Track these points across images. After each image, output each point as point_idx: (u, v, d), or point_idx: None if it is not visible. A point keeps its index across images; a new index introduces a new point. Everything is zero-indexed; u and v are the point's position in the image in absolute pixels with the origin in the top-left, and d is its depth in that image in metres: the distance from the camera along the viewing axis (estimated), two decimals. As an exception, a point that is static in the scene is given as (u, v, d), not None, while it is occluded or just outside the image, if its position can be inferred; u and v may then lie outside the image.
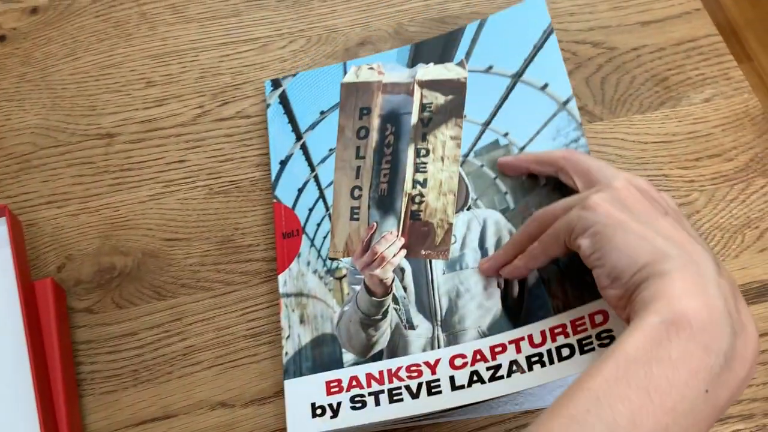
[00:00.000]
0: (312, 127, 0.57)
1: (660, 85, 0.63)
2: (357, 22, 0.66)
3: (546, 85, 0.54)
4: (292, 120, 0.58)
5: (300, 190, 0.55)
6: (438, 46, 0.58)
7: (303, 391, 0.47)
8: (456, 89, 0.55)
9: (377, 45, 0.65)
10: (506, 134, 0.53)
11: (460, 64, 0.56)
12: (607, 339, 0.42)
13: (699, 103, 0.62)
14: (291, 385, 0.48)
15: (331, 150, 0.56)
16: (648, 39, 0.65)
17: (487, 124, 0.54)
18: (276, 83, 0.59)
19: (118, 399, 0.50)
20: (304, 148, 0.56)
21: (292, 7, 0.67)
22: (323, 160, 0.55)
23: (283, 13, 0.66)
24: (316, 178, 0.55)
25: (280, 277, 0.52)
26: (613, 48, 0.65)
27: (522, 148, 0.52)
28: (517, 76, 0.55)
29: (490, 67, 0.56)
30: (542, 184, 0.50)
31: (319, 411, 0.46)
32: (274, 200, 0.55)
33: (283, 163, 0.56)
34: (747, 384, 0.34)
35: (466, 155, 0.53)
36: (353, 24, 0.66)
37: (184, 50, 0.64)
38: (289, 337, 0.50)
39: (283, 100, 0.59)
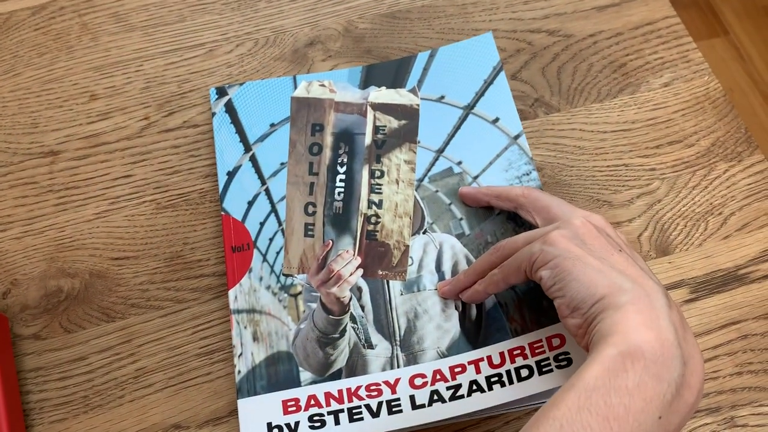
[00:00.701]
0: (261, 139, 0.55)
1: (618, 72, 0.61)
2: (305, 21, 0.64)
3: (497, 119, 0.56)
4: (240, 130, 0.56)
5: (250, 203, 0.53)
6: (390, 71, 0.58)
7: (258, 410, 0.46)
8: (409, 115, 0.55)
9: (326, 44, 0.63)
10: (460, 162, 0.54)
11: (413, 90, 0.57)
12: (564, 361, 0.44)
13: (658, 89, 0.61)
14: (245, 404, 0.46)
15: (282, 164, 0.54)
16: (605, 24, 0.64)
17: (440, 151, 0.55)
18: (221, 91, 0.58)
19: (68, 427, 0.48)
20: (253, 160, 0.55)
21: (237, 9, 0.65)
22: (274, 174, 0.54)
23: (229, 16, 0.64)
24: (267, 191, 0.53)
25: (231, 293, 0.50)
26: (569, 36, 0.63)
27: (475, 177, 0.54)
28: (468, 108, 0.56)
29: (442, 97, 0.57)
30: (496, 213, 0.52)
31: (275, 431, 0.45)
32: (223, 213, 0.53)
33: (231, 174, 0.54)
34: (695, 410, 0.36)
35: (421, 180, 0.54)
36: (301, 24, 0.64)
37: (127, 60, 0.62)
38: (241, 354, 0.48)
39: (230, 110, 0.57)
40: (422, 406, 0.44)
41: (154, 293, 0.53)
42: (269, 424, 0.45)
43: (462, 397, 0.44)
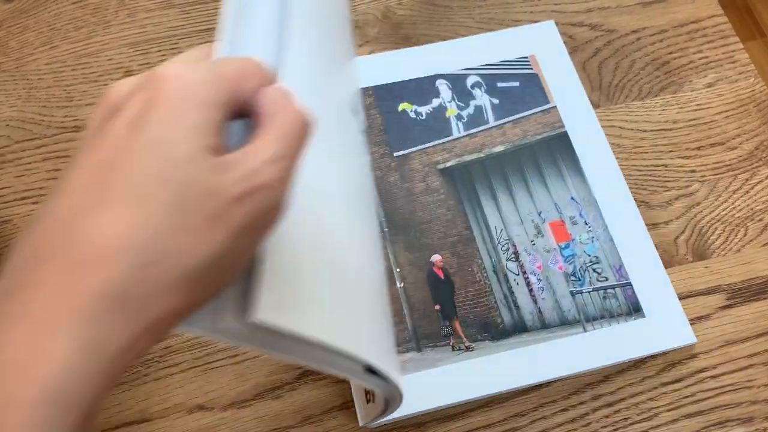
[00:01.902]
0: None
1: (661, 70, 0.60)
2: (343, 5, 0.63)
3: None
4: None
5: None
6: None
7: None
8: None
9: (364, 29, 0.62)
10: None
11: None
12: None
13: (701, 89, 0.59)
14: None
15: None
16: (649, 20, 0.62)
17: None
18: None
19: (93, 402, 0.48)
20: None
21: (276, -9, 0.64)
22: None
23: (267, -3, 0.64)
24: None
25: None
26: (611, 30, 0.62)
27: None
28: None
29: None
30: None
31: None
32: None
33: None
34: None
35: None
36: (339, 8, 0.63)
37: (163, 37, 0.62)
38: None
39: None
40: None
41: (183, 273, 0.52)
42: None
43: None
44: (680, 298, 0.51)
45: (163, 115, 0.25)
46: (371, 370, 0.36)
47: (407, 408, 0.45)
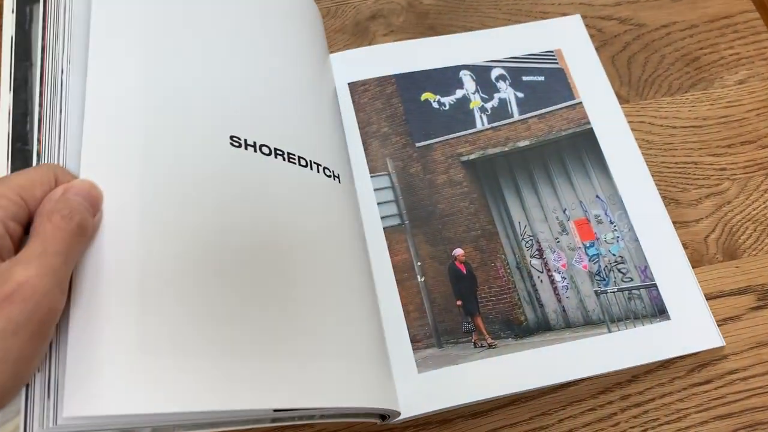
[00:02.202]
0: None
1: (691, 66, 0.59)
2: (368, -6, 0.62)
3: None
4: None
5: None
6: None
7: None
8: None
9: (389, 18, 0.61)
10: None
11: None
12: None
13: (732, 86, 0.58)
14: None
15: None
16: (679, 15, 0.61)
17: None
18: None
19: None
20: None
21: (299, -22, 0.63)
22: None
23: (290, -17, 0.62)
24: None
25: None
26: (641, 25, 0.60)
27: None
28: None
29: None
30: None
31: None
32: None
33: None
34: None
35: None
36: (364, -4, 0.62)
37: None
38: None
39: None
40: None
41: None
42: None
43: None
44: (710, 299, 0.49)
45: None
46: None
47: (428, 405, 0.44)
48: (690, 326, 0.48)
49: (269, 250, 0.38)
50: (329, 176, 0.44)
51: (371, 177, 0.52)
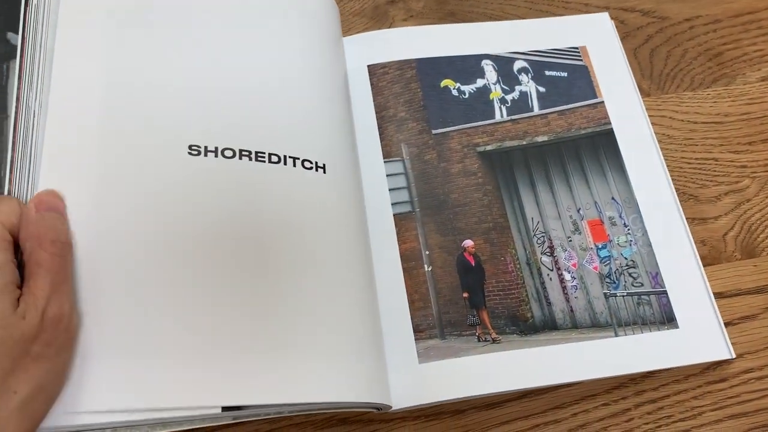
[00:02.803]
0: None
1: (713, 61, 0.58)
2: (388, -23, 0.61)
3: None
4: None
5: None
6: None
7: None
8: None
9: (409, 3, 0.60)
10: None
11: None
12: None
13: (755, 82, 0.57)
14: None
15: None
16: (703, 9, 0.60)
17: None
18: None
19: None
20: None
21: (318, -41, 0.62)
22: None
23: (309, -36, 0.61)
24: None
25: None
26: (664, 18, 0.60)
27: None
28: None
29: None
30: None
31: None
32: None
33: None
34: None
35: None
36: (383, -21, 0.61)
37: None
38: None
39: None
40: None
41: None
42: None
43: None
44: (726, 297, 0.49)
45: None
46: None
47: (427, 396, 0.44)
48: (699, 336, 0.47)
49: (237, 253, 0.39)
50: (309, 168, 0.43)
51: (384, 162, 0.52)
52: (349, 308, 0.42)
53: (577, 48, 0.57)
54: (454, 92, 0.55)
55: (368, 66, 0.54)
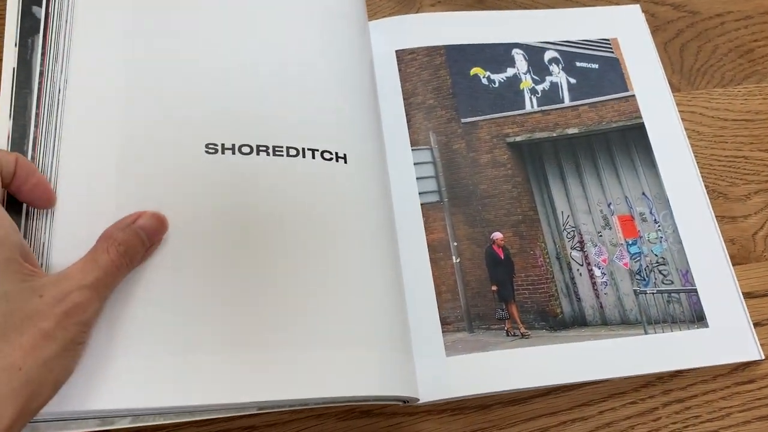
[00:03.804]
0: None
1: (744, 57, 0.57)
2: (416, -39, 0.60)
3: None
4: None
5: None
6: None
7: None
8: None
9: (438, -11, 0.58)
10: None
11: None
12: None
13: (786, 81, 0.57)
14: None
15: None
16: (734, 5, 0.59)
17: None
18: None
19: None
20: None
21: (344, -61, 0.60)
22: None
23: (335, -56, 0.60)
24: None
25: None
26: (695, 12, 0.59)
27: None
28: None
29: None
30: None
31: None
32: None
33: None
34: None
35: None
36: (413, -37, 0.60)
37: None
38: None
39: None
40: None
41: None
42: None
43: None
44: (755, 297, 0.48)
45: None
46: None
47: (454, 390, 0.43)
48: (728, 336, 0.46)
49: (260, 249, 0.39)
50: (329, 159, 0.42)
51: (412, 150, 0.50)
52: (377, 301, 0.41)
53: (608, 40, 0.56)
54: (484, 81, 0.54)
55: (396, 51, 0.53)
